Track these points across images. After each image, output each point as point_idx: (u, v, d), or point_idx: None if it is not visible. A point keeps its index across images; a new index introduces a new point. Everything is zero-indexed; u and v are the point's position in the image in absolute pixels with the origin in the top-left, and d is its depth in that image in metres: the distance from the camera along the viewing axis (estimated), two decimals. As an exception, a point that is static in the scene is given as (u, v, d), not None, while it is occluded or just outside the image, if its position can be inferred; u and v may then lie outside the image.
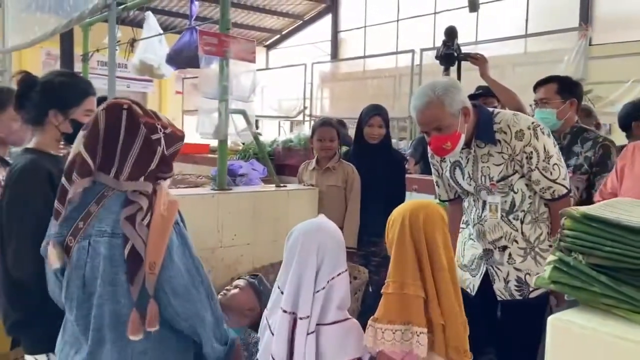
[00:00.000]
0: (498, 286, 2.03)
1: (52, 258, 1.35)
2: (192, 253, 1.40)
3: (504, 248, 2.01)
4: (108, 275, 1.31)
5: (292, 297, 1.49)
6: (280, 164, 4.44)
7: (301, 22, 15.02)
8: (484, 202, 2.03)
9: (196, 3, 4.56)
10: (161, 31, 4.81)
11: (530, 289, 1.99)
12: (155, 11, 6.04)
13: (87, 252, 1.33)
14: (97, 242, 1.33)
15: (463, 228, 2.20)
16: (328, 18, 14.27)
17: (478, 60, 2.94)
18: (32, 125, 1.76)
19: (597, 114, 3.77)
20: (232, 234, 2.73)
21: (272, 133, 9.69)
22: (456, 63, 2.97)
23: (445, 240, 1.53)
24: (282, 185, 3.11)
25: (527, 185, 1.99)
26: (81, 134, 1.39)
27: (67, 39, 7.55)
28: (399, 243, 1.49)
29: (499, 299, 2.04)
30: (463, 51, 3.16)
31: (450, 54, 2.90)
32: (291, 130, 9.63)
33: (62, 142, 1.79)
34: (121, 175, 1.36)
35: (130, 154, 1.36)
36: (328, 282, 1.50)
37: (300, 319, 1.48)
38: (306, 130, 5.67)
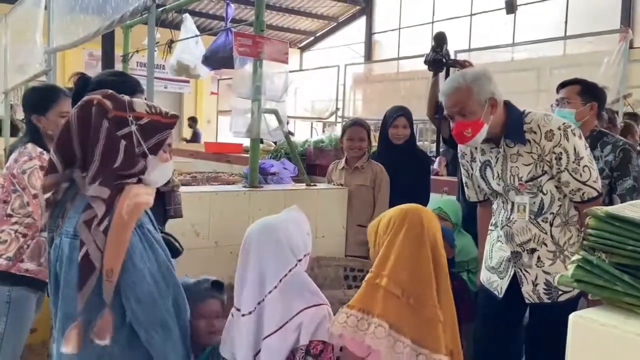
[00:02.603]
0: (526, 289, 2.01)
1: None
2: (158, 258, 1.33)
3: (533, 251, 1.99)
4: (67, 276, 1.30)
5: (237, 295, 1.47)
6: (312, 163, 4.49)
7: (335, 24, 15.08)
8: (512, 204, 2.02)
9: (232, 5, 4.66)
10: (198, 33, 4.93)
11: (560, 293, 1.96)
12: (192, 13, 6.19)
13: (59, 249, 1.33)
14: (63, 241, 1.32)
15: (491, 230, 2.19)
16: (362, 20, 14.28)
17: (465, 67, 2.95)
18: None
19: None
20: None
21: (304, 134, 9.76)
22: (444, 69, 2.98)
23: (441, 239, 1.54)
24: (312, 184, 3.15)
25: (556, 187, 1.97)
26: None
27: (108, 41, 7.82)
28: (414, 243, 1.46)
29: (527, 302, 2.02)
30: (459, 57, 3.16)
31: (439, 59, 2.92)
32: (323, 132, 9.66)
33: None
34: (88, 172, 1.31)
35: (95, 153, 1.30)
36: (281, 280, 1.44)
37: (243, 315, 1.43)
38: (338, 131, 5.70)
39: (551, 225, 1.97)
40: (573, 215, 1.99)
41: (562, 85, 2.48)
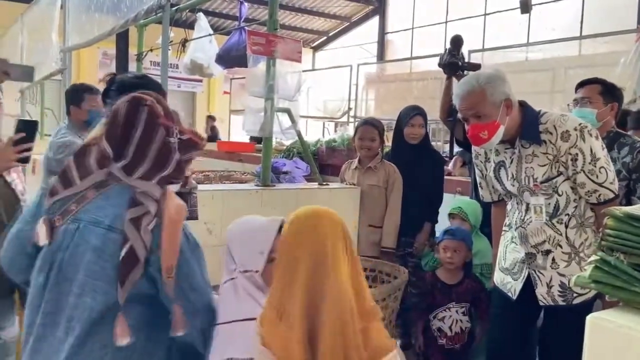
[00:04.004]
0: (540, 291, 1.99)
1: (42, 233, 1.29)
2: (199, 254, 1.39)
3: (548, 252, 1.97)
4: (92, 267, 1.26)
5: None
6: (324, 163, 4.49)
7: (348, 23, 15.07)
8: (527, 205, 2.00)
9: (245, 5, 4.67)
10: (212, 32, 4.95)
11: (574, 295, 1.94)
12: (206, 13, 6.21)
13: (73, 237, 1.28)
14: (88, 229, 1.27)
15: (505, 231, 2.17)
16: (375, 20, 14.26)
17: (478, 70, 2.95)
18: None
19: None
20: (275, 230, 2.79)
21: (316, 134, 9.76)
22: (460, 72, 2.96)
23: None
24: (324, 183, 3.15)
25: (572, 188, 1.94)
26: (102, 122, 1.38)
27: (122, 40, 7.89)
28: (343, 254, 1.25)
29: (541, 304, 2.00)
30: (473, 57, 3.14)
31: (454, 62, 2.90)
32: (335, 131, 9.66)
33: None
34: (135, 171, 1.31)
35: (147, 153, 1.31)
36: (236, 270, 1.40)
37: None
38: (350, 131, 5.70)
39: (566, 226, 1.95)
40: (589, 216, 1.96)
41: (582, 84, 2.45)
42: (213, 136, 10.88)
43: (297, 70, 3.21)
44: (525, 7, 7.84)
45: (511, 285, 2.07)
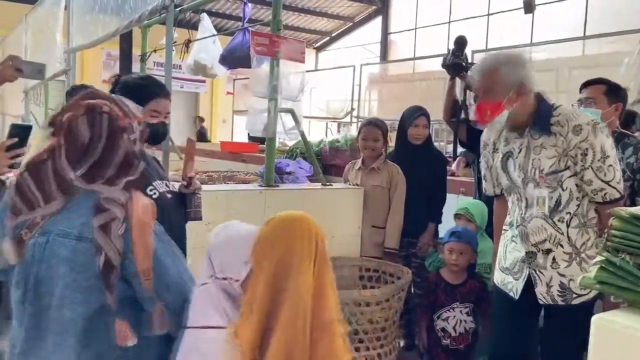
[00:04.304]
0: (540, 290, 1.98)
1: (11, 253, 1.27)
2: (173, 249, 1.38)
3: (548, 251, 1.96)
4: (67, 279, 1.25)
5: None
6: (327, 164, 4.49)
7: (351, 24, 15.06)
8: (527, 202, 1.99)
9: (249, 5, 4.68)
10: (215, 32, 4.96)
11: (574, 296, 1.93)
12: (209, 13, 6.22)
13: (44, 250, 1.26)
14: (58, 242, 1.25)
15: (505, 230, 2.16)
16: (378, 20, 14.25)
17: None
18: None
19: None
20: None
21: (319, 134, 9.77)
22: (463, 72, 2.96)
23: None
24: (328, 184, 3.15)
25: (577, 185, 1.93)
26: (44, 130, 1.30)
27: (126, 40, 7.91)
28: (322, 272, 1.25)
29: (540, 302, 1.99)
30: (476, 57, 3.14)
31: (458, 63, 2.90)
32: (338, 132, 9.66)
33: None
34: (97, 179, 1.28)
35: (112, 159, 1.30)
36: (213, 276, 1.37)
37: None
38: (353, 131, 5.69)
39: (568, 225, 1.94)
40: (592, 217, 1.95)
41: (586, 84, 2.44)
42: (201, 136, 10.99)
43: (300, 70, 3.22)
44: (529, 7, 7.82)
45: (512, 285, 2.06)
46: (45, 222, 1.27)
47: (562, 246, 1.94)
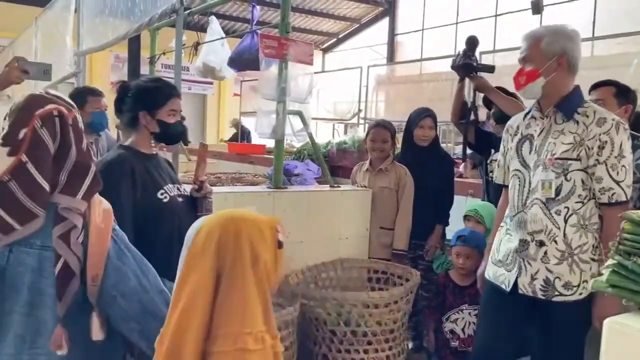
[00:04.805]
0: (522, 280, 1.95)
1: None
2: (135, 256, 1.38)
3: (541, 244, 1.93)
4: (35, 286, 1.28)
5: None
6: (334, 165, 4.49)
7: (358, 25, 15.07)
8: (530, 186, 1.97)
9: (257, 8, 4.69)
10: (224, 35, 4.98)
11: (556, 293, 1.90)
12: (218, 16, 6.24)
13: (7, 260, 1.27)
14: (22, 252, 1.27)
15: (502, 226, 2.14)
16: (385, 21, 14.24)
17: (492, 72, 2.98)
18: (128, 127, 1.94)
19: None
20: (286, 232, 2.79)
21: (326, 135, 9.77)
22: (474, 73, 2.95)
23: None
24: (336, 185, 3.16)
25: (583, 181, 1.90)
26: (17, 157, 1.23)
27: (134, 43, 7.95)
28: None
29: (520, 292, 1.96)
30: (484, 59, 3.13)
31: (469, 63, 2.88)
32: (345, 133, 9.67)
33: (152, 141, 1.94)
34: (56, 187, 1.28)
35: (64, 166, 1.29)
36: None
37: None
38: (360, 133, 5.70)
39: (565, 221, 1.90)
40: (594, 222, 1.91)
41: (595, 86, 2.44)
42: (243, 136, 10.80)
43: (308, 72, 3.23)
44: (537, 7, 7.81)
45: (505, 277, 2.03)
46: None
47: (556, 242, 1.91)
